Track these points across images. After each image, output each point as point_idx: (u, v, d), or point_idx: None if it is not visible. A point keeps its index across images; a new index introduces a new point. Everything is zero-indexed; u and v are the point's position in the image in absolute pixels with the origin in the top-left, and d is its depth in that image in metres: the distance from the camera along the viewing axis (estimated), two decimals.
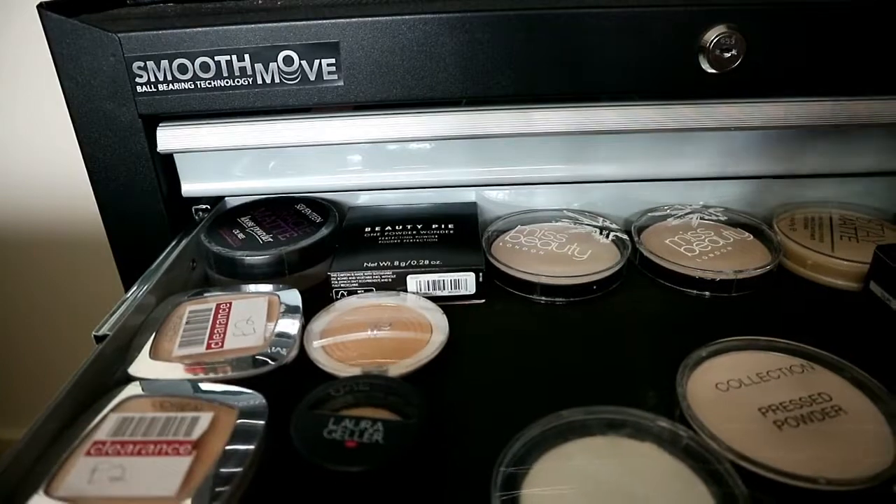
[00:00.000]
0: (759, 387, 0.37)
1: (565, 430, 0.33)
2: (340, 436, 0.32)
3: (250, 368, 0.37)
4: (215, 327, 0.41)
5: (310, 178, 0.56)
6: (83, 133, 0.49)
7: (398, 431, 0.32)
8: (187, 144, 0.51)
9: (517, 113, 0.50)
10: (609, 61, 0.47)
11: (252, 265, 0.48)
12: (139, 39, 0.46)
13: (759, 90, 0.50)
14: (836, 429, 0.34)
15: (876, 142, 0.54)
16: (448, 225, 0.53)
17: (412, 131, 0.51)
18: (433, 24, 0.45)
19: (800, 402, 0.35)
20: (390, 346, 0.41)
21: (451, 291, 0.47)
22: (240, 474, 0.30)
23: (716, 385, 0.37)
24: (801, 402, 0.35)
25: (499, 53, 0.46)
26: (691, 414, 0.34)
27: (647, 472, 0.32)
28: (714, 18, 0.45)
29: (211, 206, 0.57)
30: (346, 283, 0.47)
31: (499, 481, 0.30)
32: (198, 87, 0.47)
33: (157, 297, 0.45)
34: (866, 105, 0.50)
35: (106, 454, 0.31)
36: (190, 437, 0.31)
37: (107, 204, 0.52)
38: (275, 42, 0.46)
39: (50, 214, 0.88)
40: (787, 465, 0.31)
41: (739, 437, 0.33)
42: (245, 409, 0.34)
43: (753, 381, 0.37)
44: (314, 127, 0.51)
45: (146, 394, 0.35)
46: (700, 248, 0.51)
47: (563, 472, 0.32)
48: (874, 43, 0.46)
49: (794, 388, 0.36)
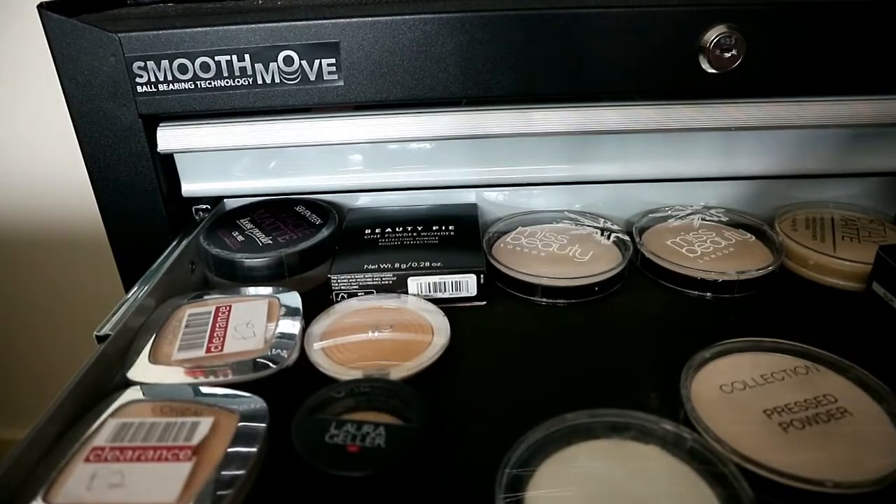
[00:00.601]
0: (764, 388, 0.36)
1: (569, 433, 0.33)
2: (342, 440, 0.32)
3: (250, 372, 0.37)
4: (215, 330, 0.41)
5: (310, 179, 0.56)
6: (83, 133, 0.49)
7: (400, 435, 0.32)
8: (187, 144, 0.51)
9: (517, 113, 0.50)
10: (609, 61, 0.47)
11: (251, 268, 0.48)
12: (139, 39, 0.46)
13: (760, 90, 0.50)
14: (841, 430, 0.33)
15: (877, 142, 0.54)
16: (448, 226, 0.53)
17: (412, 131, 0.51)
18: (433, 24, 0.45)
19: (805, 404, 0.35)
20: (391, 349, 0.41)
21: (452, 293, 0.47)
22: (241, 480, 0.29)
23: (720, 387, 0.37)
24: (806, 404, 0.35)
25: (499, 53, 0.46)
26: (696, 416, 0.34)
27: (651, 475, 0.31)
28: (714, 18, 0.45)
29: (211, 205, 0.57)
30: (347, 286, 0.47)
31: (503, 483, 0.30)
32: (198, 87, 0.47)
33: (156, 298, 0.44)
34: (867, 105, 0.50)
35: (105, 460, 0.30)
36: (190, 442, 0.31)
37: (107, 204, 0.52)
38: (275, 42, 0.46)
39: (50, 214, 0.88)
40: (793, 468, 0.31)
41: (745, 439, 0.33)
42: (246, 413, 0.33)
43: (758, 382, 0.37)
44: (314, 127, 0.51)
45: (145, 398, 0.35)
46: (702, 248, 0.51)
47: (567, 474, 0.31)
48: (874, 43, 0.46)
49: (800, 389, 0.36)
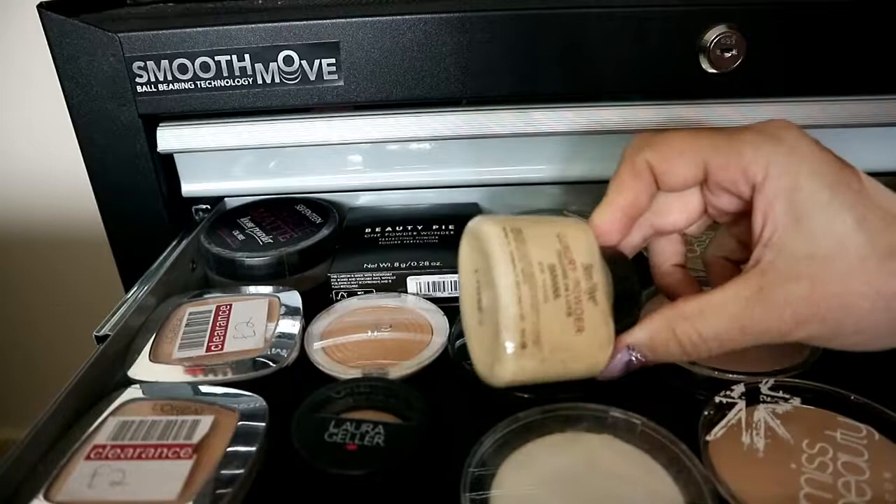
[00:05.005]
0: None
1: (524, 431, 0.34)
2: (341, 439, 0.32)
3: (250, 371, 0.37)
4: (215, 329, 0.41)
5: (310, 179, 0.56)
6: (83, 133, 0.49)
7: (399, 434, 0.32)
8: (187, 144, 0.51)
9: (517, 113, 0.50)
10: (609, 61, 0.47)
11: (252, 266, 0.48)
12: (139, 39, 0.46)
13: (760, 90, 0.50)
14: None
15: (877, 142, 0.54)
16: (448, 226, 0.53)
17: (412, 131, 0.51)
18: (433, 24, 0.45)
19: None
20: (391, 348, 0.41)
21: (452, 293, 0.47)
22: (241, 477, 0.30)
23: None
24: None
25: (499, 53, 0.46)
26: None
27: (608, 463, 0.32)
28: (714, 18, 0.45)
29: (211, 205, 0.57)
30: (347, 285, 0.47)
31: (468, 482, 0.30)
32: (198, 87, 0.47)
33: (157, 297, 0.44)
34: (867, 105, 0.50)
35: (106, 458, 0.31)
36: (190, 440, 0.31)
37: (107, 204, 0.52)
38: (275, 42, 0.46)
39: (50, 214, 0.88)
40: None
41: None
42: (245, 412, 0.34)
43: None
44: (314, 127, 0.51)
45: (146, 397, 0.35)
46: (702, 249, 0.51)
47: (528, 471, 0.32)
48: (874, 43, 0.46)
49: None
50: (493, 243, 0.28)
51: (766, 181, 0.28)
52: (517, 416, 0.34)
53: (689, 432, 0.32)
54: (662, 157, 0.30)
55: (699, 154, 0.29)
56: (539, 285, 0.27)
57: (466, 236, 0.31)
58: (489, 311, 0.29)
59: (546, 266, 0.28)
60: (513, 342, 0.27)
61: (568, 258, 0.28)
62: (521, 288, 0.27)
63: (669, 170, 0.30)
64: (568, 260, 0.28)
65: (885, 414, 0.33)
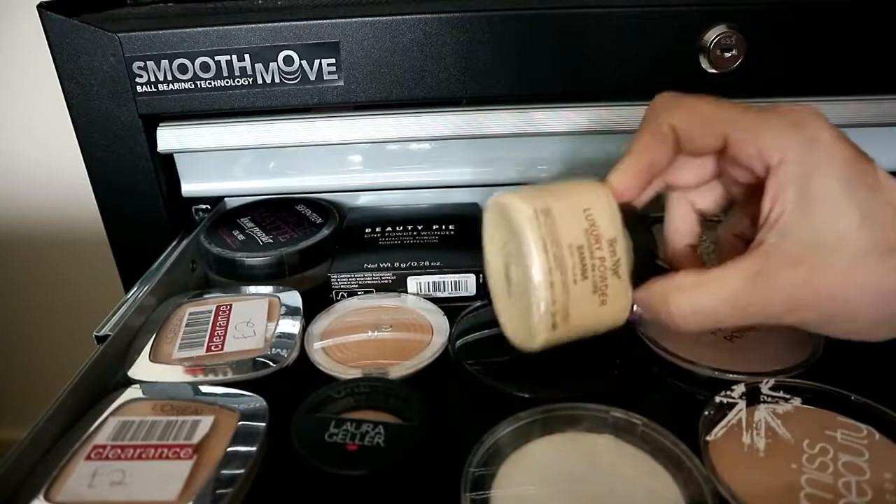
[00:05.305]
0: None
1: (525, 431, 0.34)
2: (342, 439, 0.32)
3: (251, 371, 0.37)
4: (215, 329, 0.41)
5: (310, 179, 0.56)
6: (83, 133, 0.49)
7: (399, 434, 0.32)
8: (187, 144, 0.51)
9: (517, 113, 0.50)
10: (609, 61, 0.47)
11: (252, 266, 0.48)
12: (139, 39, 0.46)
13: (760, 90, 0.50)
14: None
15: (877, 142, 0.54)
16: (448, 226, 0.53)
17: (412, 131, 0.51)
18: (433, 24, 0.45)
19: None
20: (391, 348, 0.41)
21: (452, 293, 0.47)
22: (241, 478, 0.30)
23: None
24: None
25: (499, 53, 0.46)
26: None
27: (608, 463, 0.32)
28: (714, 18, 0.45)
29: (211, 205, 0.57)
30: (347, 285, 0.47)
31: (468, 482, 0.30)
32: (198, 87, 0.47)
33: (157, 297, 0.44)
34: (867, 105, 0.50)
35: (106, 458, 0.31)
36: (191, 440, 0.31)
37: (107, 204, 0.52)
38: (275, 42, 0.46)
39: (50, 214, 0.88)
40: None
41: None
42: (246, 412, 0.34)
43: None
44: (314, 127, 0.51)
45: (146, 397, 0.35)
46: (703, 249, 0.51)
47: (528, 471, 0.32)
48: (875, 43, 0.46)
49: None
50: (524, 227, 0.29)
51: (780, 165, 0.28)
52: (517, 416, 0.34)
53: (690, 432, 0.32)
54: (689, 123, 0.30)
55: (722, 126, 0.30)
56: (569, 269, 0.29)
57: (493, 210, 0.32)
58: (519, 286, 0.31)
59: (575, 248, 0.29)
60: (545, 324, 0.30)
61: (594, 235, 0.29)
62: (553, 274, 0.29)
63: (693, 138, 0.30)
64: (594, 238, 0.29)
65: (885, 414, 0.33)
